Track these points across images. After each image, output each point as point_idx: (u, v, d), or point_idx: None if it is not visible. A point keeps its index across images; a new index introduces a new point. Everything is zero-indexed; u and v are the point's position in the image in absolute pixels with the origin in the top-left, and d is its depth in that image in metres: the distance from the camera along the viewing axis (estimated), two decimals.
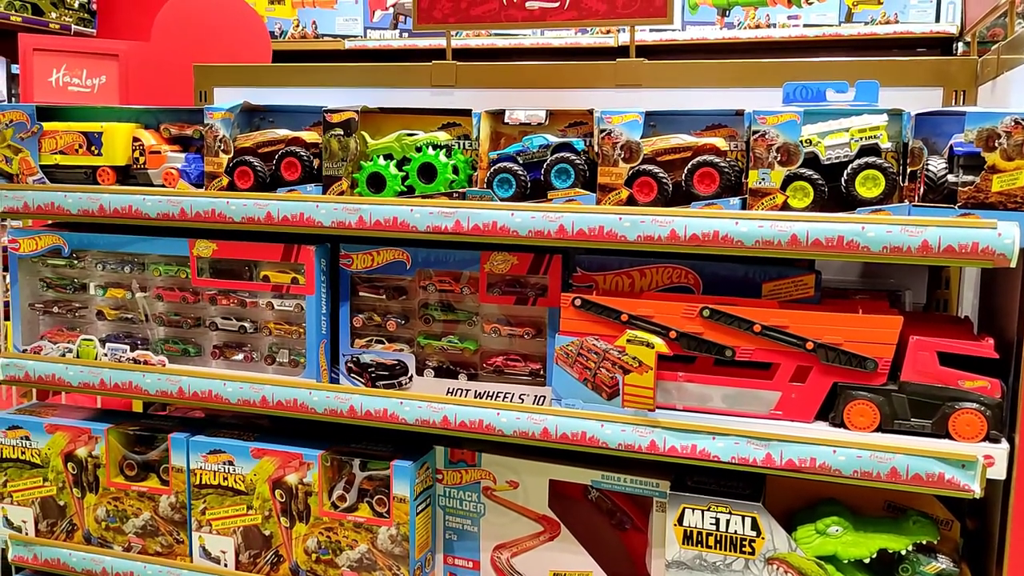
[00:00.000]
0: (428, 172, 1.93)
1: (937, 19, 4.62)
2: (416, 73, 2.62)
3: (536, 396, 1.96)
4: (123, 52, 3.90)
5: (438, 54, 5.26)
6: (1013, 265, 1.55)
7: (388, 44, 5.52)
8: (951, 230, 1.57)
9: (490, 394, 1.98)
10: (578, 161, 1.85)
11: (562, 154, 1.86)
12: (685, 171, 1.78)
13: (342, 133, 1.96)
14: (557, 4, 2.49)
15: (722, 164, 1.76)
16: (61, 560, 2.25)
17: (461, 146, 2.00)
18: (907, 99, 2.11)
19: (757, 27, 4.88)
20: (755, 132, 1.72)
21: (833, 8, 4.76)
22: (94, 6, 5.30)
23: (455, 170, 1.94)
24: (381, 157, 1.96)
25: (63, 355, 2.19)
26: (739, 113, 1.84)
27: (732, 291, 1.86)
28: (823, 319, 1.71)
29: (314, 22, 5.65)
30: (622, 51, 4.51)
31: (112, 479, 2.20)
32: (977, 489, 1.60)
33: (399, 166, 1.96)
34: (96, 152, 2.10)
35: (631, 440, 1.80)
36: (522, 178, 1.88)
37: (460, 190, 1.91)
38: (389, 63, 4.36)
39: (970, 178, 1.59)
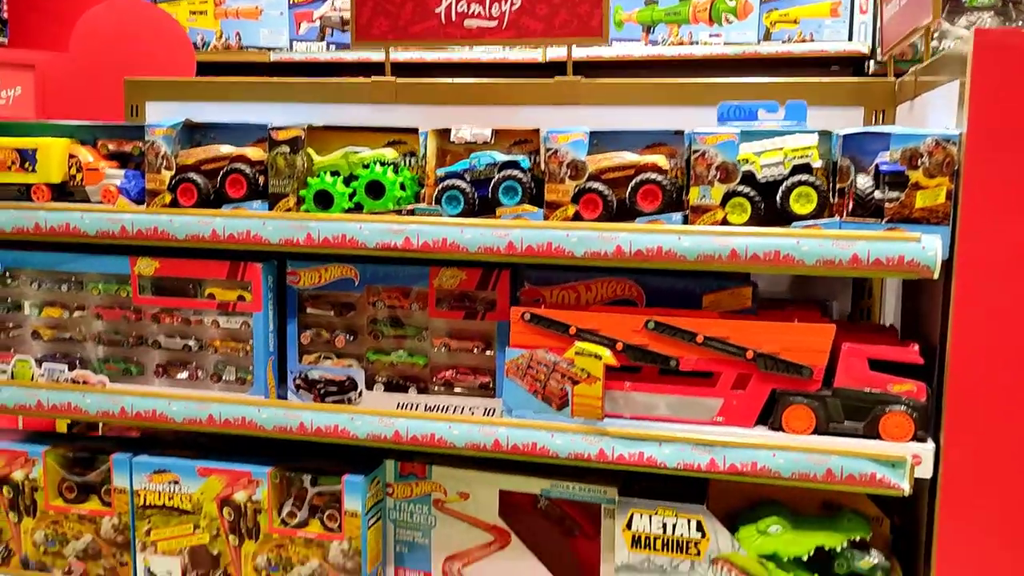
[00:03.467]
0: (376, 189, 1.95)
1: (850, 38, 4.84)
2: (355, 89, 2.64)
3: (486, 408, 1.99)
4: (40, 63, 3.79)
5: (365, 68, 5.31)
6: (936, 276, 1.65)
7: (315, 57, 5.48)
8: (879, 244, 1.67)
9: (440, 407, 2.01)
10: (525, 179, 1.90)
11: (509, 171, 1.91)
12: (629, 188, 1.84)
13: (288, 150, 1.97)
14: (495, 23, 2.54)
15: (664, 182, 1.83)
16: None
17: (407, 163, 2.03)
18: (831, 117, 2.22)
19: (680, 44, 5.03)
20: (695, 151, 1.79)
21: (752, 27, 4.94)
22: (5, 15, 5.13)
23: (403, 187, 1.96)
24: (328, 174, 1.97)
25: None
26: (678, 133, 1.91)
27: (674, 303, 1.93)
28: (761, 329, 1.80)
29: (238, 33, 5.57)
30: (552, 65, 4.60)
31: (51, 502, 2.15)
32: (906, 487, 1.70)
33: (346, 183, 1.97)
34: (30, 169, 2.06)
35: (581, 449, 1.85)
36: (470, 195, 1.92)
37: (408, 207, 1.94)
38: (327, 78, 4.36)
39: (895, 194, 1.70)
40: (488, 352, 2.01)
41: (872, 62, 4.83)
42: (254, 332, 2.02)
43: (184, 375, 2.10)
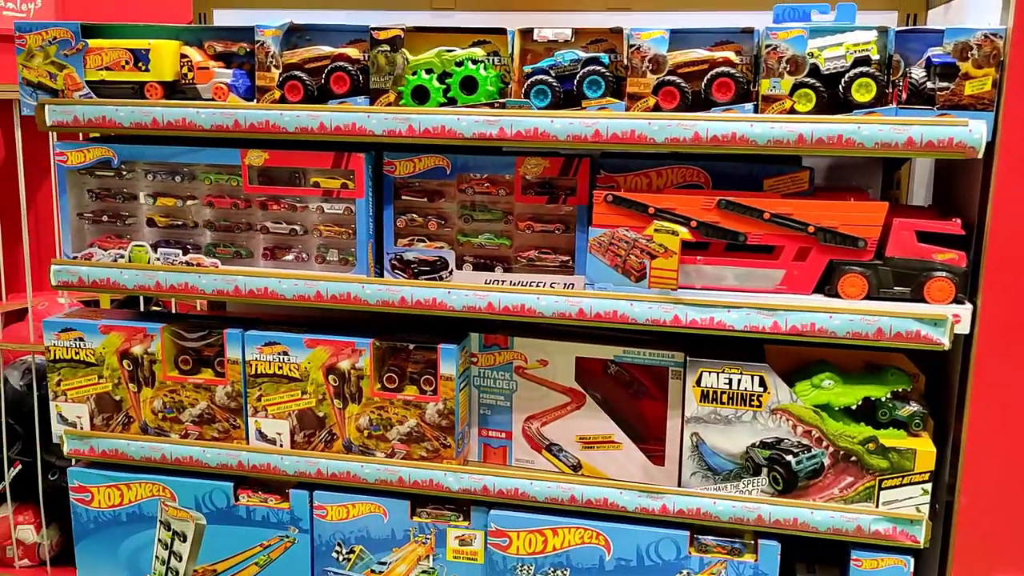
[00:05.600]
0: (470, 85, 2.13)
1: None
2: None
3: (566, 283, 2.22)
4: None
5: None
6: (980, 156, 1.88)
7: None
8: (931, 128, 1.89)
9: (525, 283, 2.24)
10: (607, 73, 2.09)
11: (593, 67, 2.09)
12: (704, 80, 2.04)
13: (389, 49, 2.14)
14: None
15: (737, 74, 2.03)
16: (119, 450, 2.43)
17: (492, 61, 2.21)
18: (867, 21, 2.42)
19: None
20: (768, 45, 1.99)
21: None
22: None
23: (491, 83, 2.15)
24: (423, 71, 2.15)
25: (115, 260, 2.33)
26: (746, 31, 2.10)
27: (737, 187, 2.15)
28: (822, 206, 2.03)
29: None
30: None
31: (168, 373, 2.38)
32: (946, 342, 1.96)
33: (439, 79, 2.15)
34: (143, 68, 2.21)
35: (657, 316, 2.09)
36: (557, 89, 2.10)
37: (500, 100, 2.12)
38: None
39: (946, 84, 1.91)
40: (567, 233, 2.22)
41: None
42: (357, 217, 2.22)
43: (290, 257, 2.31)
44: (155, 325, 2.37)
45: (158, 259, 2.32)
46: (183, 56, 2.22)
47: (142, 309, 2.84)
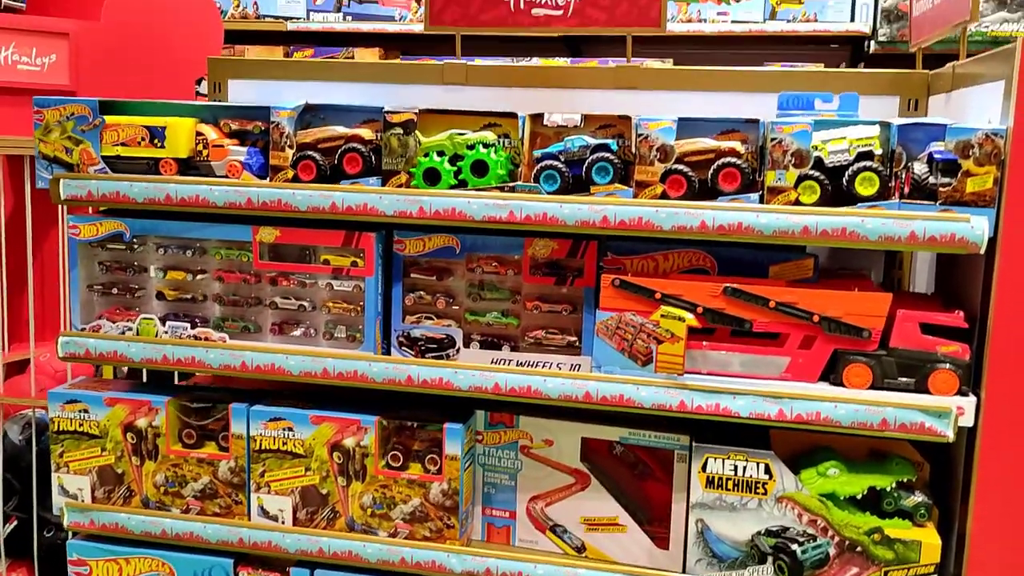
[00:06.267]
0: (481, 168, 2.17)
1: (852, 19, 5.10)
2: (428, 71, 2.84)
3: (572, 364, 2.24)
4: (74, 31, 3.94)
5: (380, 38, 5.53)
6: (982, 252, 1.92)
7: (331, 27, 5.64)
8: (934, 223, 1.93)
9: (531, 363, 2.25)
10: (615, 160, 2.13)
11: (601, 153, 2.14)
12: (711, 170, 2.08)
13: (401, 132, 2.18)
14: (561, 12, 2.76)
15: (743, 165, 2.07)
16: (119, 524, 2.41)
17: (503, 144, 2.25)
18: (869, 105, 2.48)
19: (689, 21, 5.27)
20: (773, 139, 2.03)
21: (759, 6, 5.19)
22: None
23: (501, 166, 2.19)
24: (435, 154, 2.19)
25: (123, 333, 2.34)
26: (751, 121, 2.15)
27: (743, 272, 2.18)
28: (826, 296, 2.05)
29: (255, 3, 5.72)
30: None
31: (171, 447, 2.37)
32: (951, 434, 1.97)
33: (451, 162, 2.19)
34: (159, 145, 2.25)
35: (663, 400, 2.10)
36: (566, 174, 2.14)
37: (510, 184, 2.16)
38: (399, 62, 4.55)
39: (947, 180, 1.95)
40: (575, 314, 2.24)
41: (872, 43, 5.10)
42: (366, 294, 2.24)
43: (298, 333, 2.32)
44: (160, 398, 2.37)
45: (166, 332, 2.33)
46: (199, 134, 2.26)
47: (144, 380, 2.83)
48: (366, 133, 2.25)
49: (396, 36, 5.58)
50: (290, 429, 2.31)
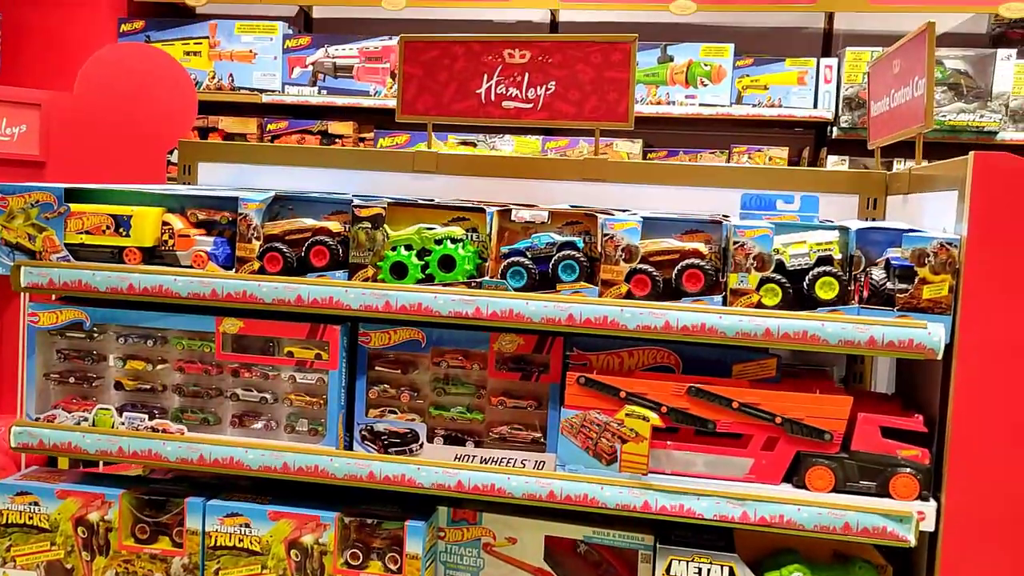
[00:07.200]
0: (448, 263, 2.18)
1: (815, 105, 5.26)
2: (399, 158, 2.87)
3: (536, 461, 2.22)
4: (45, 102, 3.95)
5: (355, 112, 5.63)
6: (939, 358, 1.95)
7: (307, 100, 5.70)
8: (892, 329, 1.96)
9: (495, 459, 2.23)
10: (582, 258, 2.15)
11: (567, 251, 2.16)
12: (675, 271, 2.10)
13: (370, 226, 2.19)
14: (531, 106, 2.81)
15: (707, 266, 2.10)
16: None
17: (471, 238, 2.26)
18: (830, 203, 2.55)
19: (659, 103, 5.40)
20: (736, 242, 2.07)
21: (725, 91, 5.34)
22: None
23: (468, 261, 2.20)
24: (403, 247, 2.20)
25: (78, 423, 2.29)
26: (715, 222, 2.19)
27: (707, 371, 2.20)
28: (788, 398, 2.07)
29: (231, 75, 5.77)
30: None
31: (123, 542, 2.30)
32: (912, 539, 1.97)
33: (419, 256, 2.20)
34: (124, 233, 2.24)
35: (627, 501, 2.09)
36: (532, 270, 2.16)
37: (476, 280, 2.17)
38: (366, 147, 4.61)
39: (905, 286, 1.99)
40: (540, 410, 2.24)
41: (835, 128, 5.25)
42: (329, 388, 2.22)
43: (259, 425, 2.29)
44: (114, 491, 2.31)
45: (123, 423, 2.28)
46: (165, 223, 2.25)
47: (100, 469, 2.77)
48: (334, 225, 2.26)
49: (371, 110, 5.65)
50: (247, 525, 2.25)
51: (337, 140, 5.66)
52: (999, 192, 1.93)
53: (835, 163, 5.22)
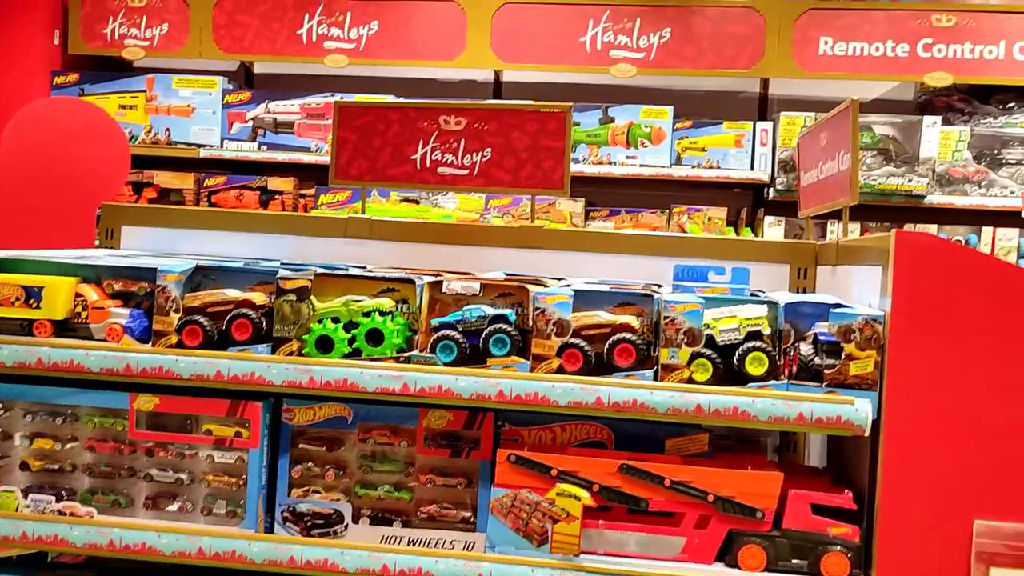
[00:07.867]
0: (376, 337, 2.12)
1: (751, 167, 5.36)
2: (331, 224, 2.83)
3: (466, 542, 2.15)
4: None
5: (296, 168, 5.58)
6: (867, 435, 1.94)
7: (246, 155, 5.63)
8: (820, 405, 1.96)
9: (423, 541, 2.16)
10: (513, 332, 2.11)
11: (498, 325, 2.12)
12: (607, 345, 2.08)
13: (295, 299, 2.13)
14: (466, 172, 2.80)
15: (638, 341, 2.07)
16: None
17: (400, 310, 2.21)
18: (761, 272, 2.57)
19: (600, 163, 5.45)
20: (666, 317, 2.05)
21: (665, 152, 5.42)
22: None
23: (397, 334, 2.14)
24: (329, 320, 2.14)
25: None
26: (647, 295, 2.17)
27: (639, 446, 2.16)
28: (720, 475, 2.04)
29: (168, 129, 5.68)
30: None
31: None
32: None
33: (346, 329, 2.14)
34: (35, 305, 2.14)
35: None
36: (463, 344, 2.11)
37: (405, 354, 2.11)
38: (298, 213, 4.54)
39: (832, 362, 1.99)
40: (470, 488, 2.17)
41: (771, 190, 5.35)
42: (249, 467, 2.13)
43: (174, 507, 2.18)
44: None
45: (28, 506, 2.16)
46: (78, 295, 2.16)
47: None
48: (258, 297, 2.19)
49: (312, 166, 5.60)
50: None
51: (277, 196, 5.57)
52: (921, 269, 1.95)
53: (772, 223, 5.30)
